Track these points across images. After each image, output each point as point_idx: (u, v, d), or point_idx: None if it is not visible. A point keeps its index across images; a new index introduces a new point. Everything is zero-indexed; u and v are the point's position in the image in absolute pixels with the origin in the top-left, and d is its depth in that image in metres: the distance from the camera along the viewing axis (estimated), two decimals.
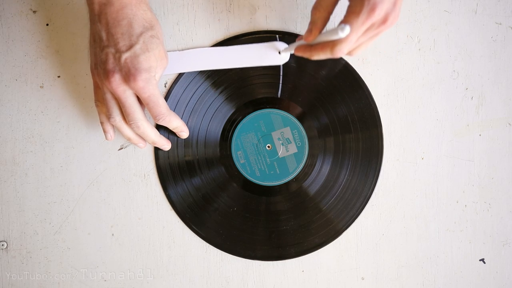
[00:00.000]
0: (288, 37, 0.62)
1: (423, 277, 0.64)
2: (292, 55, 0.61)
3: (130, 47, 0.54)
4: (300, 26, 0.62)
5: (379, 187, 0.63)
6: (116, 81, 0.54)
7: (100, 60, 0.55)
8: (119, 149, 0.63)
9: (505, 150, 0.64)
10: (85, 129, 0.63)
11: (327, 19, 0.52)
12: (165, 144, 0.62)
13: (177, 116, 0.60)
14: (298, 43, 0.56)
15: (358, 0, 0.48)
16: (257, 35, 0.62)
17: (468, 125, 0.63)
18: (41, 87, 0.63)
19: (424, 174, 0.63)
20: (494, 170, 0.64)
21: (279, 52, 0.61)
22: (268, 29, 0.62)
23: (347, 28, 0.47)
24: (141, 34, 0.55)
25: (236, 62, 0.61)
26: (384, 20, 0.49)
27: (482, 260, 0.64)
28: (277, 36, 0.62)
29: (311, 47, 0.53)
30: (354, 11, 0.48)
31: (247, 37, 0.62)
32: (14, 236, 0.63)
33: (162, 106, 0.57)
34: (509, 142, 0.64)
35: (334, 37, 0.49)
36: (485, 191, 0.64)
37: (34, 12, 0.63)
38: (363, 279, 0.64)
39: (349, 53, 0.53)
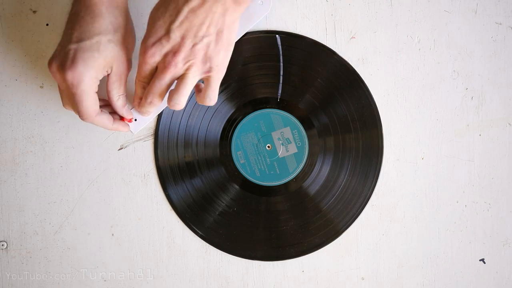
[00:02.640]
0: (288, 37, 0.62)
1: (423, 277, 0.64)
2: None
3: (80, 40, 0.52)
4: (300, 26, 0.62)
5: (379, 187, 0.63)
6: (53, 69, 0.52)
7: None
8: (119, 149, 0.63)
9: (505, 150, 0.63)
10: (85, 129, 0.63)
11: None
12: (123, 128, 0.60)
13: (107, 118, 0.57)
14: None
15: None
16: (257, 35, 0.62)
17: (468, 125, 0.63)
18: (41, 87, 0.63)
19: (424, 174, 0.63)
20: (494, 170, 0.63)
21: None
22: (268, 29, 0.62)
23: None
24: (99, 34, 0.52)
25: None
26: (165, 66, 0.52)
27: (482, 260, 0.64)
28: (277, 36, 0.62)
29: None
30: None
31: (247, 36, 0.62)
32: (14, 236, 0.63)
33: (85, 107, 0.53)
34: (509, 142, 0.63)
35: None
36: (485, 191, 0.64)
37: (34, 12, 0.63)
38: (363, 279, 0.64)
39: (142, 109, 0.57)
